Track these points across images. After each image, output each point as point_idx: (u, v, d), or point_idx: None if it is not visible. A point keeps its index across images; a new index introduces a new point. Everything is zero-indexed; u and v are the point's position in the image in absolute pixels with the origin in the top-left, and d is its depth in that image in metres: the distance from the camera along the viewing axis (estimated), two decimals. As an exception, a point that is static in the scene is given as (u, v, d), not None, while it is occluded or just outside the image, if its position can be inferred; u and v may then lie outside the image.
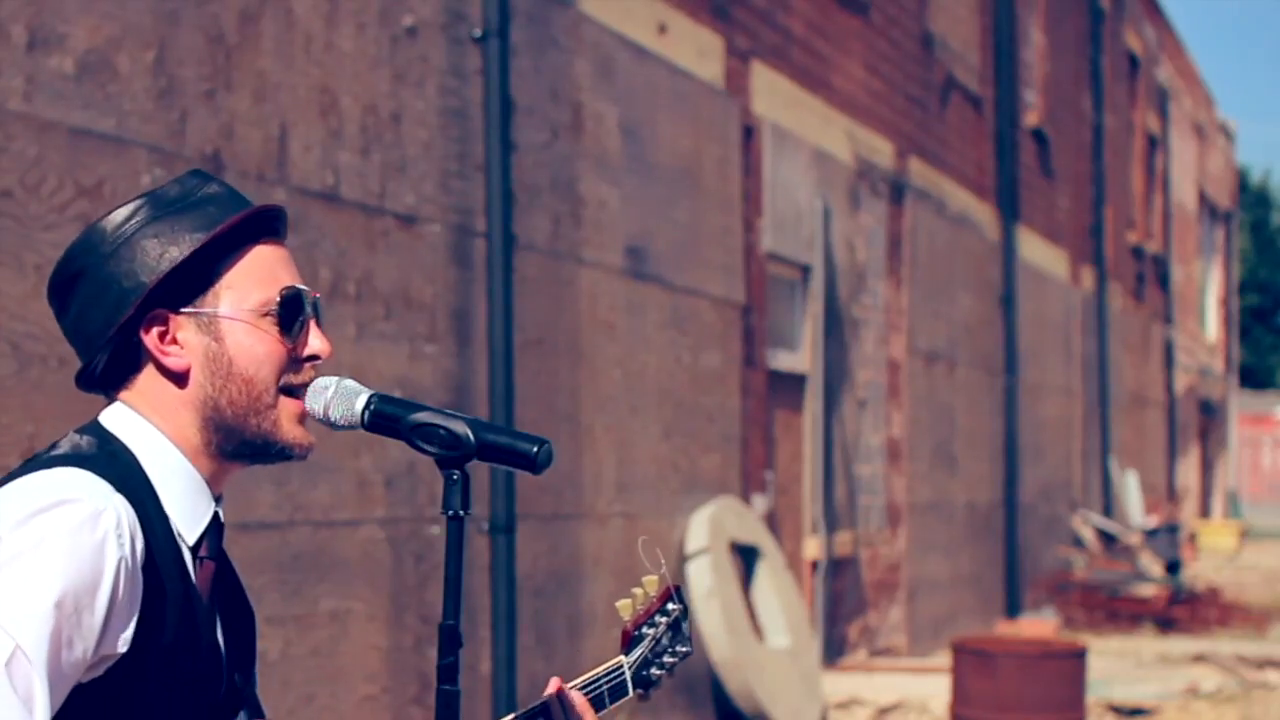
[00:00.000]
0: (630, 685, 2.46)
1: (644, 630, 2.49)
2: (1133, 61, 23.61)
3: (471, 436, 2.15)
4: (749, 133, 10.11)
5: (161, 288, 2.10)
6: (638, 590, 2.50)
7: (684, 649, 2.52)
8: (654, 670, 2.49)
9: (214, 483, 2.16)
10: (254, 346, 2.13)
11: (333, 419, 2.19)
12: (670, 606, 2.52)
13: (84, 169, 4.99)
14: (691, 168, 9.29)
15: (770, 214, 10.35)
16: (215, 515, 2.16)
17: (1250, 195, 48.71)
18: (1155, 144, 25.65)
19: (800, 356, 11.24)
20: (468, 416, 2.17)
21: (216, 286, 2.13)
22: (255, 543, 5.71)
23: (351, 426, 2.19)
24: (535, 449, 2.16)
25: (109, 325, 2.10)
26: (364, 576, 6.33)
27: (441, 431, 2.15)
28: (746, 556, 9.69)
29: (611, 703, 2.44)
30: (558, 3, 7.85)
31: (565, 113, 7.91)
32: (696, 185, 9.36)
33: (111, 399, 2.16)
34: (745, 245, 10.05)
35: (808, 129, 11.09)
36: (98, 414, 2.16)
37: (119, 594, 1.97)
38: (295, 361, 2.17)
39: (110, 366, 2.13)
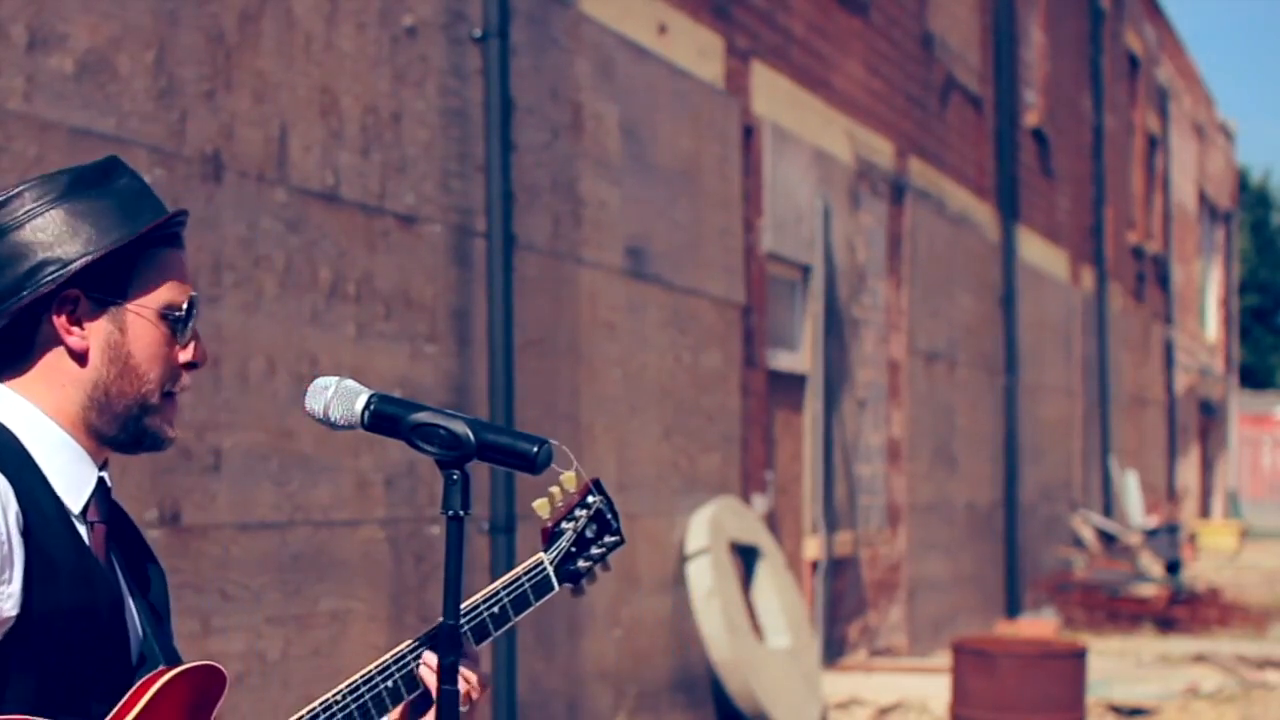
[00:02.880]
0: (554, 579, 2.46)
1: (563, 525, 2.50)
2: (1133, 61, 23.61)
3: (471, 436, 2.15)
4: (749, 133, 10.11)
5: (85, 270, 2.14)
6: (554, 489, 2.51)
7: (612, 539, 2.53)
8: (580, 563, 2.49)
9: (95, 455, 2.21)
10: (151, 345, 2.19)
11: (333, 419, 2.20)
12: (590, 499, 2.53)
13: (84, 169, 4.99)
14: (691, 168, 9.29)
15: (770, 214, 10.35)
16: (100, 481, 2.20)
17: (1250, 195, 48.71)
18: (1155, 144, 25.65)
19: (800, 356, 11.24)
20: (468, 416, 2.18)
21: (129, 279, 2.18)
22: (255, 543, 5.71)
23: (351, 426, 2.20)
24: (535, 449, 2.16)
25: (17, 291, 2.14)
26: (364, 576, 6.33)
27: (441, 431, 2.16)
28: (746, 556, 9.69)
29: (537, 600, 2.44)
30: (558, 3, 7.85)
31: (565, 113, 7.91)
32: (696, 185, 9.36)
33: None
34: (745, 245, 10.05)
35: (808, 129, 11.09)
36: None
37: None
38: (177, 365, 2.23)
39: (4, 337, 2.17)
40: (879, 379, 12.76)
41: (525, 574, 2.44)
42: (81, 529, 2.16)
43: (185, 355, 2.22)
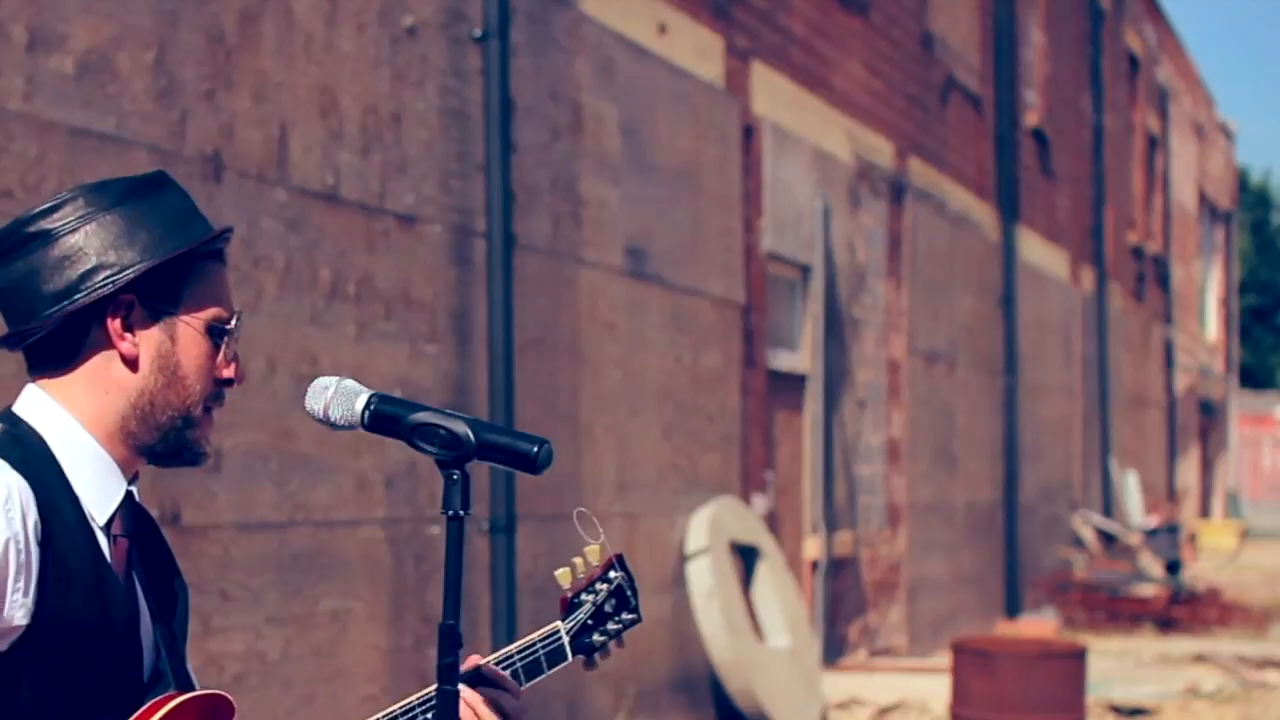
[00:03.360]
0: (569, 650, 2.47)
1: (582, 597, 2.50)
2: (1133, 61, 23.61)
3: (471, 436, 2.15)
4: (749, 133, 10.11)
5: (141, 277, 2.14)
6: (578, 560, 2.51)
7: (629, 616, 2.53)
8: (596, 637, 2.49)
9: (126, 467, 2.20)
10: (198, 358, 2.19)
11: (333, 419, 2.20)
12: (612, 575, 2.53)
13: (84, 169, 4.99)
14: (691, 168, 9.29)
15: (770, 214, 10.35)
16: (128, 495, 2.19)
17: (1250, 195, 48.70)
18: (1155, 144, 25.65)
19: (800, 356, 11.24)
20: (468, 416, 2.17)
21: (182, 291, 2.18)
22: (255, 543, 5.71)
23: (351, 426, 2.20)
24: (535, 449, 2.16)
25: (70, 294, 2.12)
26: (364, 576, 6.33)
27: (441, 431, 2.16)
28: (746, 556, 9.69)
29: (549, 668, 2.45)
30: (558, 3, 7.85)
31: (565, 113, 7.91)
32: (696, 185, 9.36)
33: (35, 377, 2.19)
34: (745, 245, 10.05)
35: (808, 129, 11.09)
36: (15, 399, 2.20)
37: (9, 565, 2.01)
38: (217, 382, 2.23)
39: (50, 338, 2.16)
40: (879, 379, 12.76)
41: (540, 640, 2.45)
42: (104, 542, 2.14)
43: (227, 372, 2.22)
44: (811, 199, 11.10)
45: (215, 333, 2.20)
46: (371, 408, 2.19)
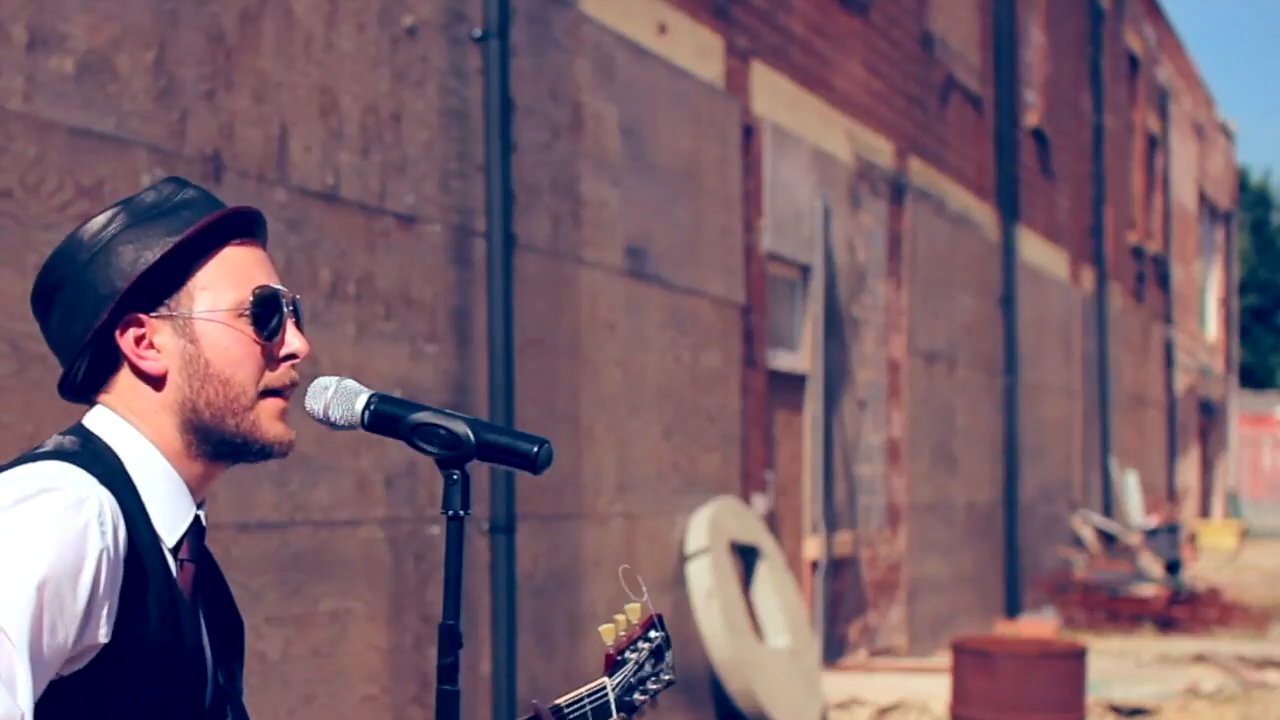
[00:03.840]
0: (614, 708, 2.47)
1: (627, 655, 2.50)
2: (1133, 61, 23.61)
3: (471, 436, 2.15)
4: (749, 133, 10.11)
5: (135, 291, 2.11)
6: (620, 616, 2.52)
7: (667, 677, 2.54)
8: (637, 696, 2.50)
9: (197, 486, 2.17)
10: (230, 347, 2.14)
11: (333, 419, 2.19)
12: (653, 634, 2.53)
13: (84, 169, 4.99)
14: (691, 168, 9.29)
15: (770, 214, 10.35)
16: (196, 519, 2.16)
17: (1250, 195, 48.71)
18: (1155, 144, 25.65)
19: (800, 356, 11.24)
20: (468, 416, 2.17)
21: (190, 289, 2.14)
22: (255, 543, 5.71)
23: (351, 426, 2.19)
24: (535, 449, 2.16)
25: (86, 331, 2.11)
26: (364, 576, 6.33)
27: (441, 431, 2.15)
28: (746, 556, 9.69)
29: None
30: (558, 3, 7.85)
31: (565, 113, 7.91)
32: (696, 185, 9.35)
33: (93, 404, 2.17)
34: (745, 245, 10.05)
35: (808, 129, 11.09)
36: (82, 418, 2.17)
37: (101, 581, 1.97)
38: (272, 361, 2.17)
39: (90, 372, 2.14)
40: (879, 379, 12.76)
41: (588, 696, 2.45)
42: (172, 565, 2.11)
43: (283, 349, 2.17)
44: (811, 199, 11.09)
45: (252, 316, 2.14)
46: (371, 408, 2.18)
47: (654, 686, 2.53)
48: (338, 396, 2.19)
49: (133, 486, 2.09)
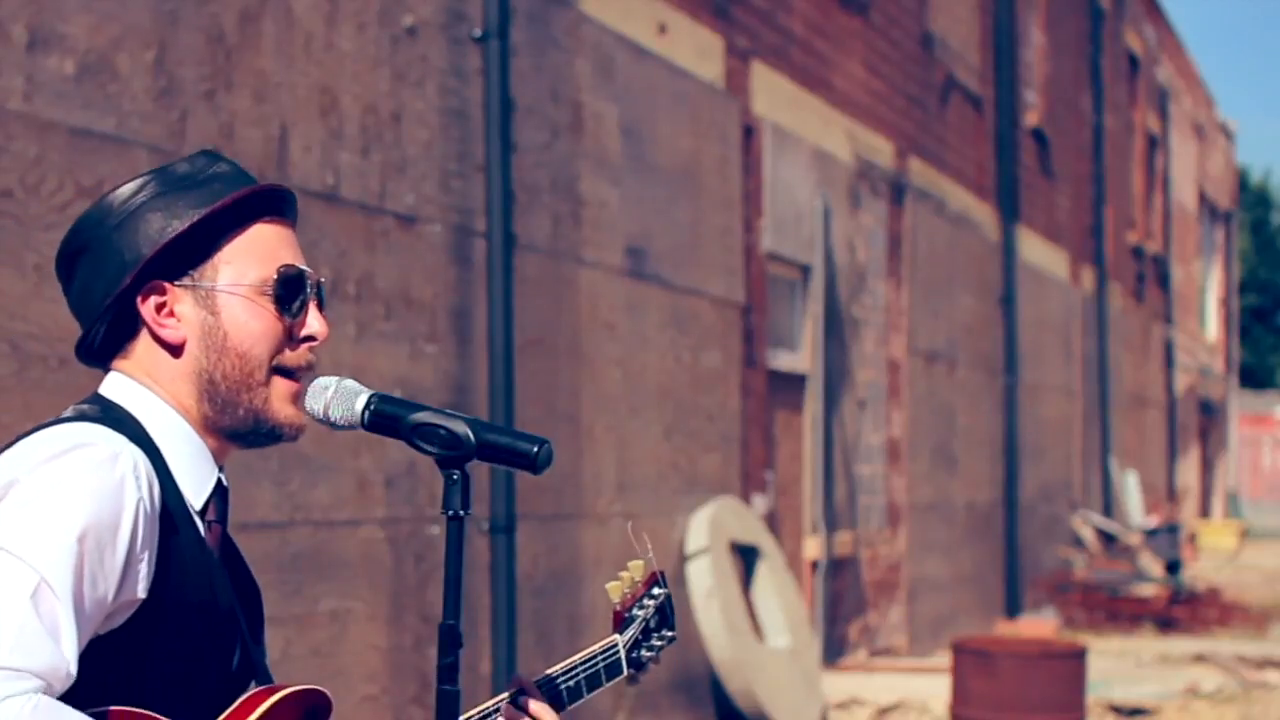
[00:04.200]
0: (624, 664, 2.51)
1: (634, 612, 2.54)
2: (1133, 61, 23.61)
3: (471, 436, 2.15)
4: (749, 133, 10.11)
5: (160, 259, 2.12)
6: (624, 574, 2.54)
7: (670, 633, 2.58)
8: (644, 653, 2.54)
9: (217, 454, 2.18)
10: (249, 322, 2.14)
11: (333, 419, 2.19)
12: (656, 591, 2.57)
13: (84, 169, 4.99)
14: (691, 168, 9.29)
15: (770, 214, 10.35)
16: (219, 481, 2.17)
17: (1250, 195, 48.70)
18: (1155, 144, 25.65)
19: (800, 356, 11.24)
20: (468, 416, 2.17)
21: (215, 261, 2.14)
22: (255, 543, 5.71)
23: (351, 426, 2.19)
24: (535, 449, 2.16)
25: (108, 295, 2.12)
26: (364, 576, 6.33)
27: (441, 431, 2.16)
28: (746, 556, 9.69)
29: (608, 680, 2.49)
30: (558, 3, 7.85)
31: (565, 113, 7.91)
32: (696, 185, 9.36)
33: (108, 370, 2.18)
34: (745, 245, 10.05)
35: (808, 129, 11.09)
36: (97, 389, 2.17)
37: (139, 534, 1.98)
38: (291, 340, 2.18)
39: (108, 337, 2.15)
40: (879, 379, 12.76)
41: (600, 653, 2.49)
42: (200, 526, 2.12)
43: (304, 330, 2.18)
44: (811, 199, 11.10)
45: (275, 294, 2.15)
46: (371, 408, 2.19)
47: (658, 643, 2.55)
48: (338, 396, 2.19)
49: (156, 449, 2.10)
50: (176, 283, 2.13)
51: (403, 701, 6.52)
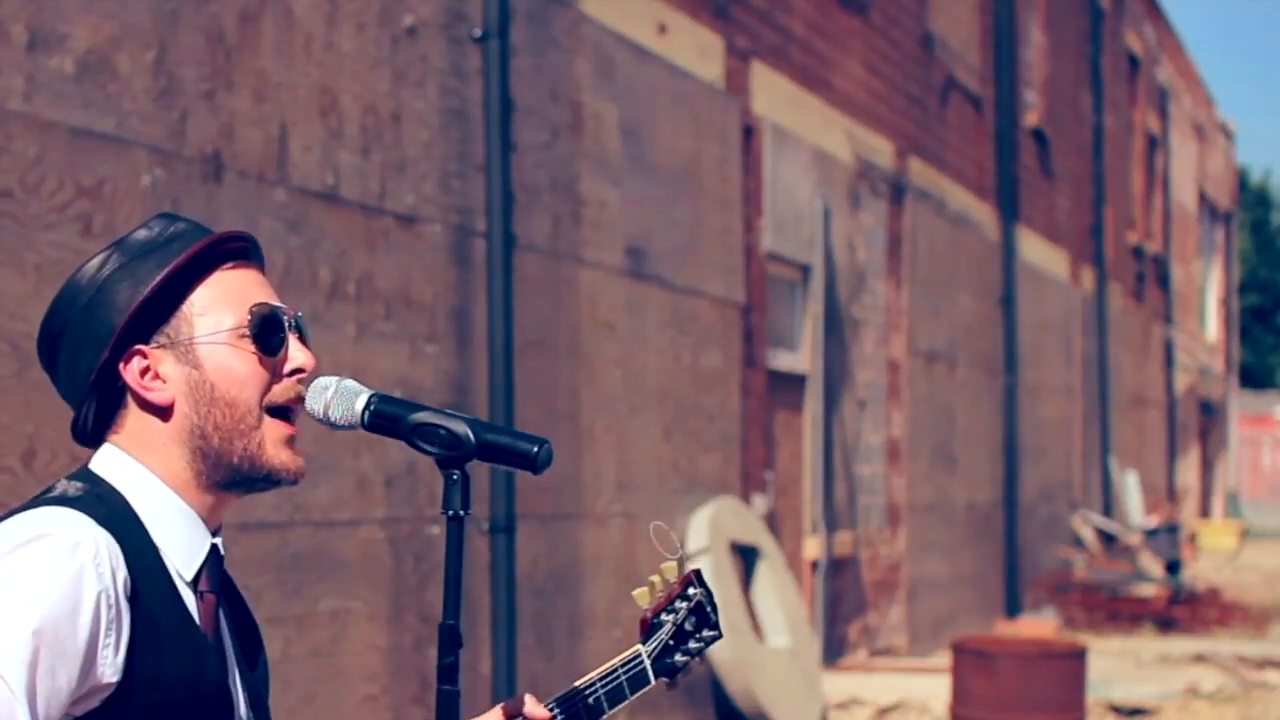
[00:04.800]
0: (651, 674, 2.40)
1: (663, 617, 2.43)
2: (1133, 61, 23.61)
3: (471, 436, 2.14)
4: (749, 133, 10.11)
5: (135, 325, 2.12)
6: (655, 578, 2.44)
7: (711, 633, 2.46)
8: (678, 657, 2.43)
9: (210, 516, 2.17)
10: (234, 368, 2.14)
11: (333, 419, 2.19)
12: (691, 591, 2.45)
13: (84, 169, 4.99)
14: (691, 168, 9.29)
15: (770, 214, 10.35)
16: (213, 548, 2.16)
17: (1250, 195, 48.70)
18: (1155, 144, 25.65)
19: (800, 356, 11.24)
20: (468, 416, 2.17)
21: (188, 315, 2.15)
22: (255, 543, 5.71)
23: (351, 426, 2.19)
24: (535, 449, 2.15)
25: (91, 370, 2.13)
26: (364, 576, 6.33)
27: (441, 431, 2.15)
28: (746, 556, 9.69)
29: (632, 693, 2.39)
30: (558, 3, 7.85)
31: (565, 113, 7.91)
32: (696, 185, 9.36)
33: (101, 443, 2.18)
34: (745, 245, 10.05)
35: (808, 129, 11.09)
36: (89, 459, 2.18)
37: (100, 620, 1.99)
38: (277, 377, 2.18)
39: (99, 414, 2.16)
40: (879, 379, 12.76)
41: (622, 666, 2.39)
42: (190, 599, 2.12)
43: (289, 365, 2.18)
44: (811, 199, 11.09)
45: (253, 334, 2.15)
46: (371, 408, 2.18)
47: (695, 645, 2.44)
48: (338, 396, 2.19)
49: (141, 525, 2.09)
50: (155, 345, 2.14)
51: (403, 701, 6.52)
